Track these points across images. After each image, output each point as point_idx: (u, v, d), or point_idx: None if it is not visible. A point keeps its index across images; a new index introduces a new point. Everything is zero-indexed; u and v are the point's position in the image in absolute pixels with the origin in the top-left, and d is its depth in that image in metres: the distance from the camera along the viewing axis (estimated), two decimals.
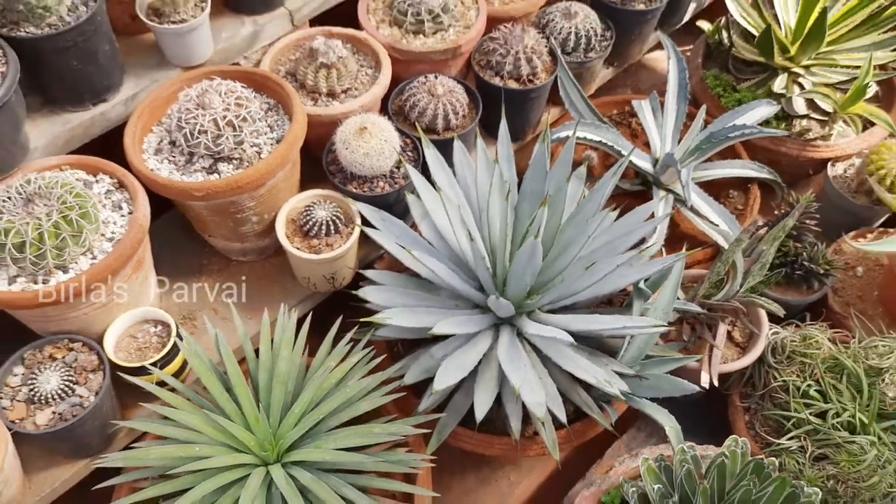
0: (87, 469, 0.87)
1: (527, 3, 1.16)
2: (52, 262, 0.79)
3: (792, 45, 1.30)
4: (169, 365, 0.86)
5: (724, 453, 0.83)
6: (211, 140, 0.87)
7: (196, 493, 0.75)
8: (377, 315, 0.87)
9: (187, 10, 0.91)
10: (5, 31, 0.81)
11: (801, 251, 1.14)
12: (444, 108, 1.03)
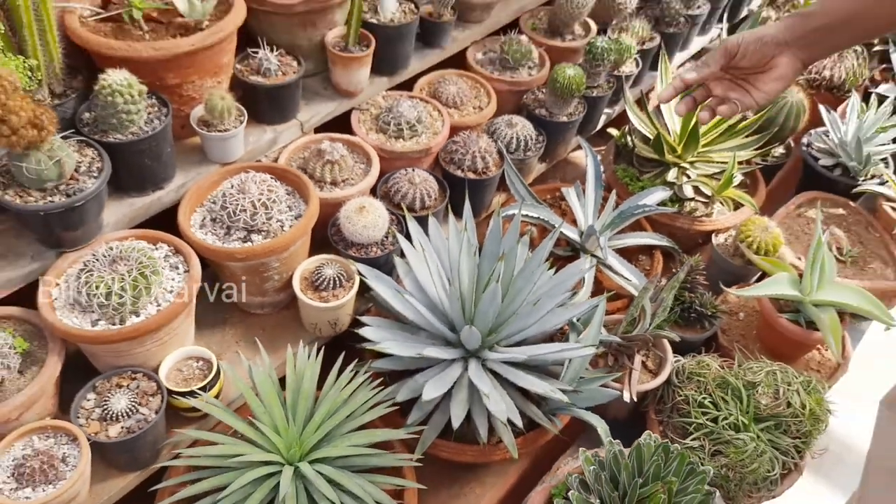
0: (138, 480, 1.05)
1: (479, 116, 1.49)
2: (129, 309, 1.00)
3: (678, 147, 1.66)
4: (210, 391, 1.07)
5: (640, 442, 1.08)
6: (249, 216, 1.12)
7: (238, 482, 0.95)
8: (376, 345, 1.12)
9: (229, 122, 1.18)
10: (98, 137, 1.06)
11: (694, 299, 1.44)
12: (420, 193, 1.31)
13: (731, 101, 0.93)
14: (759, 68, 0.92)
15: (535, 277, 1.17)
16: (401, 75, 1.45)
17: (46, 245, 1.04)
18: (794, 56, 0.90)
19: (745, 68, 0.93)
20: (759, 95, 0.92)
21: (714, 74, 0.95)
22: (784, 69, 0.90)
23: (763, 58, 0.91)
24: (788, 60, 0.90)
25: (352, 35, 1.30)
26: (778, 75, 0.91)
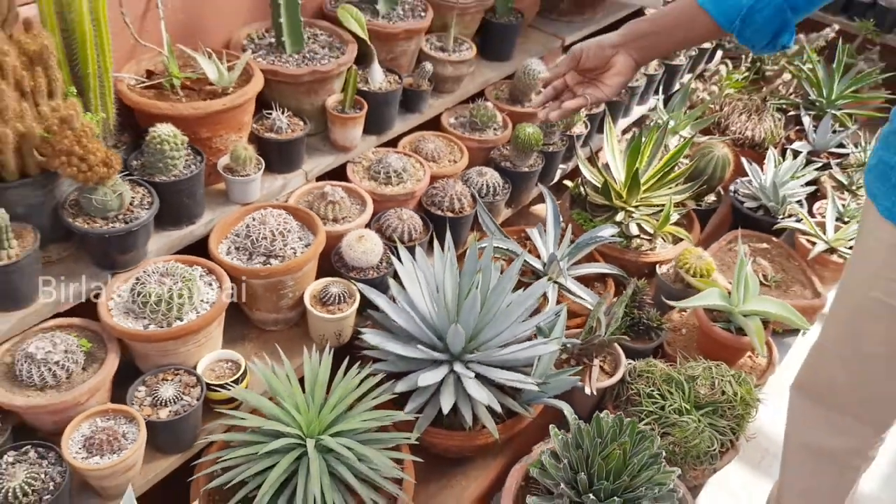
0: (179, 461, 1.24)
1: (454, 167, 1.78)
2: (175, 314, 1.23)
3: (623, 193, 1.98)
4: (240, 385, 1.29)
5: (599, 415, 1.31)
6: (269, 243, 1.37)
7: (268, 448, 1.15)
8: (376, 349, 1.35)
9: (250, 169, 1.44)
10: (147, 178, 1.32)
11: (642, 315, 1.71)
12: (408, 227, 1.58)
13: (582, 95, 1.16)
14: (602, 68, 1.13)
15: (506, 291, 1.43)
16: (387, 134, 1.75)
17: (102, 267, 1.27)
18: (629, 55, 1.11)
19: (591, 69, 1.14)
20: (606, 89, 1.14)
21: (564, 74, 1.16)
22: (621, 66, 1.12)
23: (603, 59, 1.12)
24: (624, 59, 1.11)
25: (348, 100, 1.59)
26: (617, 71, 1.12)
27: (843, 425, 1.25)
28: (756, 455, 1.75)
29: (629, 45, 1.11)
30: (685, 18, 1.06)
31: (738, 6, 1.01)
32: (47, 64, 1.11)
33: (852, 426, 1.24)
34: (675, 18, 1.07)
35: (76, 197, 1.24)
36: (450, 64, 1.83)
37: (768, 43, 1.04)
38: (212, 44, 1.52)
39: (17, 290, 1.16)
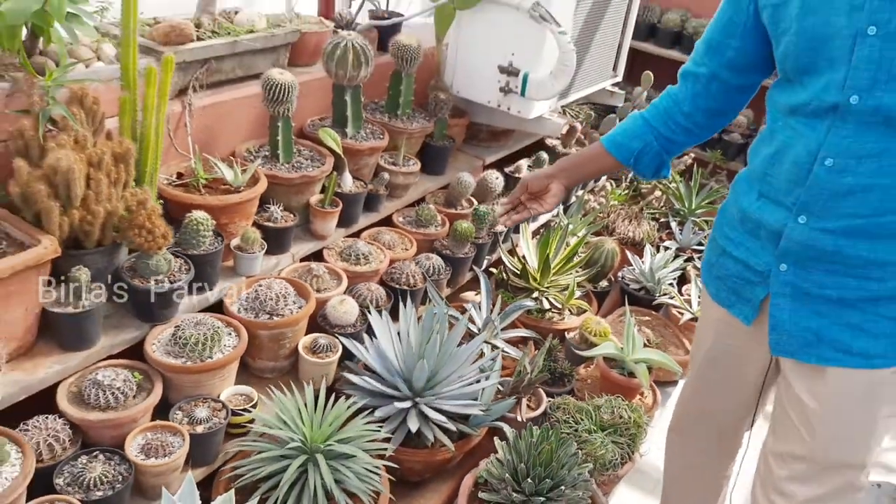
0: (205, 474, 1.56)
1: (406, 254, 2.27)
2: (206, 354, 1.60)
3: (537, 276, 2.52)
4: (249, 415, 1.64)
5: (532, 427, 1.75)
6: (273, 303, 1.78)
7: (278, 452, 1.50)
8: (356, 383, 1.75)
9: (255, 248, 1.87)
10: (181, 250, 1.71)
11: (557, 367, 2.20)
12: (375, 297, 2.02)
13: (528, 209, 1.58)
14: (543, 191, 1.55)
15: (456, 341, 1.88)
16: (354, 227, 2.23)
17: (145, 320, 1.63)
18: (560, 182, 1.53)
19: (536, 192, 1.56)
20: (546, 206, 1.55)
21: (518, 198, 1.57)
22: (556, 190, 1.53)
23: (543, 185, 1.53)
24: (557, 185, 1.53)
25: (328, 199, 2.07)
26: (553, 194, 1.53)
27: (702, 451, 1.64)
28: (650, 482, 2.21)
29: (560, 176, 1.54)
30: (598, 157, 1.51)
31: (631, 150, 1.46)
32: (128, 162, 1.54)
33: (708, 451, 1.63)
34: (591, 157, 1.53)
35: (132, 263, 1.62)
36: (401, 174, 2.36)
37: (653, 174, 1.49)
38: (221, 154, 1.99)
39: (87, 333, 1.51)
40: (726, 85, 1.35)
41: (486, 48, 2.48)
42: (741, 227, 1.33)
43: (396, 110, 2.43)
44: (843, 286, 1.19)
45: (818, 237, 1.18)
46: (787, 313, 1.26)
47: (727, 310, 1.39)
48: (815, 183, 1.15)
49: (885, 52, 1.05)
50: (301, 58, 2.27)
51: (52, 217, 1.41)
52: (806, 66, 1.16)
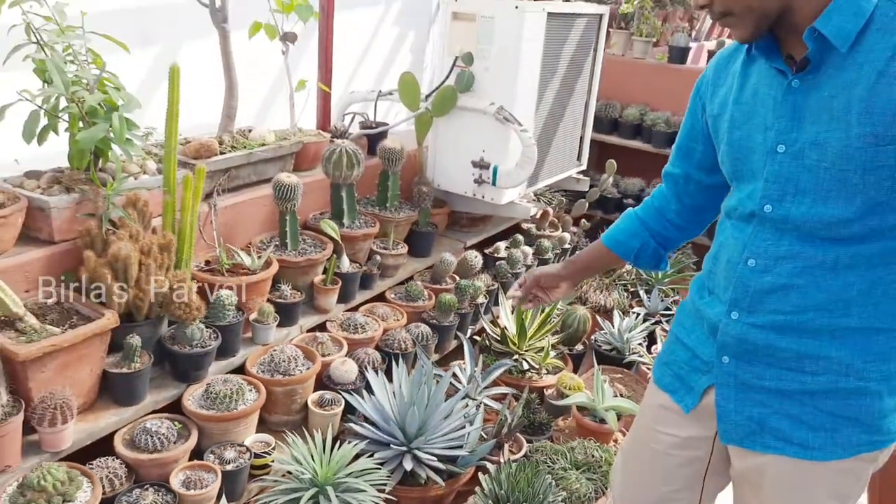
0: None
1: (398, 323, 2.66)
2: (233, 406, 1.96)
3: (516, 340, 2.90)
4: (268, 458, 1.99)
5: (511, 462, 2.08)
6: (287, 365, 2.16)
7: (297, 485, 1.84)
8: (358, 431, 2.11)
9: (270, 320, 2.27)
10: (210, 322, 2.11)
11: (536, 417, 2.54)
12: (371, 360, 2.40)
13: (539, 298, 1.79)
14: (553, 287, 1.75)
15: (443, 391, 2.25)
16: (351, 303, 2.63)
17: (181, 381, 2.01)
18: (568, 282, 1.73)
19: (545, 287, 1.76)
20: (554, 297, 1.76)
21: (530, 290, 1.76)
22: (565, 288, 1.74)
23: (552, 283, 1.73)
24: (566, 284, 1.73)
25: (328, 278, 2.49)
26: (562, 291, 1.74)
27: None
28: None
29: (569, 276, 1.72)
30: (602, 255, 1.67)
31: (631, 248, 1.60)
32: (170, 250, 1.97)
33: None
34: (595, 256, 1.69)
35: (172, 333, 2.01)
36: (391, 257, 2.80)
37: (653, 267, 1.64)
38: (240, 244, 2.43)
39: (137, 390, 1.89)
40: (700, 184, 1.50)
41: (460, 147, 2.98)
42: (693, 317, 1.44)
43: (385, 203, 2.89)
44: (781, 378, 1.28)
45: (749, 332, 1.28)
46: (732, 403, 1.34)
47: (669, 395, 1.47)
48: (741, 281, 1.28)
49: (792, 169, 1.20)
50: (303, 163, 2.76)
51: (113, 295, 1.83)
52: (736, 174, 1.32)
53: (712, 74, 1.41)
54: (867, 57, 1.12)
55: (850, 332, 1.22)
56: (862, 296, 1.21)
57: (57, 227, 1.91)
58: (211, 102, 2.59)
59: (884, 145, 1.11)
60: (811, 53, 1.16)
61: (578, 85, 3.38)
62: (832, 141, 1.16)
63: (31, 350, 1.63)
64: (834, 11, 1.13)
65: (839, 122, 1.15)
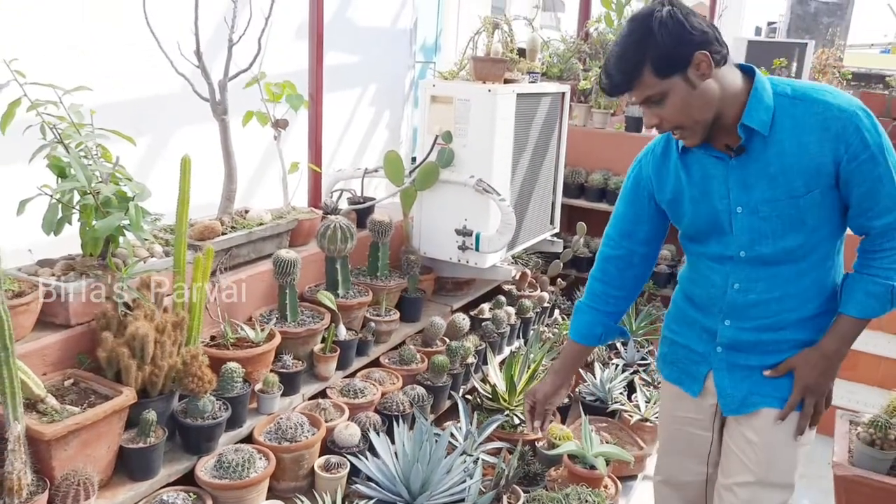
0: None
1: (394, 387, 2.72)
2: (245, 474, 1.99)
3: (506, 396, 2.97)
4: None
5: None
6: (293, 431, 2.20)
7: None
8: (365, 492, 2.14)
9: (275, 390, 2.32)
10: (220, 394, 2.15)
11: (530, 469, 2.59)
12: (372, 423, 2.45)
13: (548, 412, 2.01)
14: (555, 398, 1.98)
15: (443, 448, 2.30)
16: (348, 370, 2.69)
17: (193, 453, 2.04)
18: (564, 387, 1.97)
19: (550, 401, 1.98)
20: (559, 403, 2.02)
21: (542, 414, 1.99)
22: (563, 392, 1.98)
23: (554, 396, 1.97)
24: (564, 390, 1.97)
25: (328, 346, 2.56)
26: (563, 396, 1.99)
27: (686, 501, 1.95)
28: None
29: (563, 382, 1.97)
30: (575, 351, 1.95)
31: (596, 335, 1.90)
32: (182, 327, 2.03)
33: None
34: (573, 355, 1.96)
35: (183, 407, 2.06)
36: (384, 323, 2.88)
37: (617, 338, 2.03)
38: (242, 318, 2.49)
39: (152, 465, 1.92)
40: (643, 255, 1.84)
41: (444, 216, 3.11)
42: (683, 323, 1.82)
43: (377, 272, 2.99)
44: (763, 359, 1.68)
45: (740, 333, 1.68)
46: (727, 380, 1.72)
47: (679, 387, 1.84)
48: (731, 300, 1.66)
49: (753, 222, 1.58)
50: (298, 239, 2.85)
51: (130, 372, 1.88)
52: (705, 235, 1.68)
53: (653, 172, 1.74)
54: (782, 135, 1.52)
55: (808, 318, 1.64)
56: (814, 290, 1.62)
57: (73, 311, 1.97)
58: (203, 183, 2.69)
59: (812, 191, 1.53)
60: (744, 141, 1.55)
61: (548, 155, 3.57)
62: (778, 196, 1.55)
63: (57, 429, 1.67)
64: (752, 109, 1.52)
65: (779, 182, 1.54)
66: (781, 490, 1.69)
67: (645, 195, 1.77)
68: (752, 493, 1.69)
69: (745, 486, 1.69)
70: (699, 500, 1.92)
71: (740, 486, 1.70)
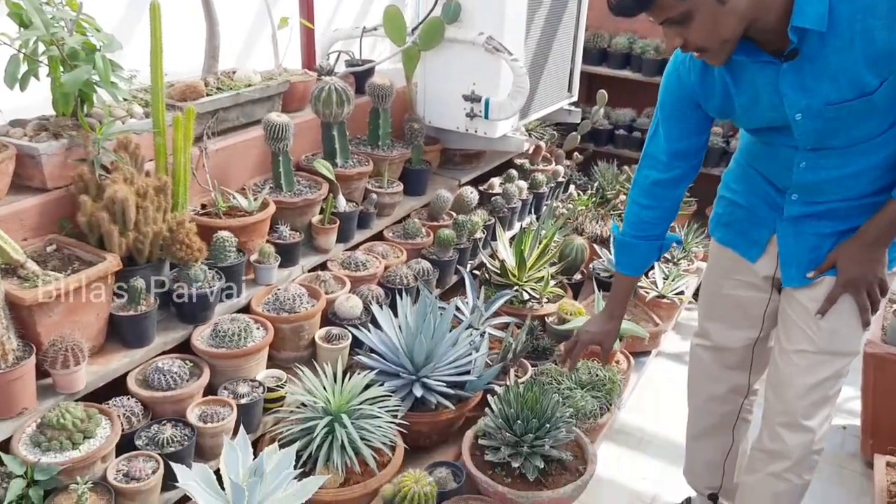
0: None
1: (398, 260, 2.68)
2: (242, 343, 1.99)
3: (516, 272, 2.93)
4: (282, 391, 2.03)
5: (518, 382, 2.13)
6: (291, 302, 2.18)
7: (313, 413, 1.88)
8: (367, 364, 2.15)
9: (271, 260, 2.28)
10: (213, 263, 2.12)
11: (539, 343, 2.59)
12: (375, 295, 2.42)
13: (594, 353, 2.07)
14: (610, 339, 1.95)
15: (448, 321, 2.28)
16: (350, 243, 2.65)
17: (189, 322, 2.03)
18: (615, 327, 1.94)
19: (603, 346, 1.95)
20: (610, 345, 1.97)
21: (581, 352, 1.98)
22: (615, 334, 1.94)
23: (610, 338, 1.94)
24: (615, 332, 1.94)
25: (326, 217, 2.50)
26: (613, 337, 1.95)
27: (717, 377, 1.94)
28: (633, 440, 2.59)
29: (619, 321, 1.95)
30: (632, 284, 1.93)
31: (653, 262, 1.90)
32: (166, 193, 1.96)
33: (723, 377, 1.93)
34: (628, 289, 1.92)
35: (175, 276, 2.03)
36: (387, 195, 2.80)
37: None
38: (232, 188, 2.42)
39: (145, 332, 1.91)
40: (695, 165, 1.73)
41: (450, 81, 2.95)
42: (745, 182, 1.71)
43: (377, 141, 2.88)
44: (835, 226, 1.57)
45: (807, 207, 1.58)
46: (792, 248, 1.63)
47: (734, 251, 1.77)
48: (798, 177, 1.54)
49: (817, 125, 1.44)
50: (291, 104, 2.73)
51: (113, 238, 1.83)
52: (764, 133, 1.58)
53: (697, 80, 1.58)
54: (841, 27, 1.32)
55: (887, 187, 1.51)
56: (885, 167, 1.49)
57: (49, 173, 1.90)
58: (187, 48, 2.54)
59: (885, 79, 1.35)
60: (796, 44, 1.36)
61: (566, 14, 3.34)
62: (845, 95, 1.37)
63: (37, 294, 1.64)
64: (802, 5, 1.31)
65: (843, 82, 1.37)
66: (844, 357, 1.64)
67: (691, 105, 1.63)
68: (812, 361, 1.64)
69: (804, 354, 1.64)
70: (741, 363, 1.90)
71: (800, 353, 1.65)
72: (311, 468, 1.87)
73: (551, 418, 2.02)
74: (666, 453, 2.50)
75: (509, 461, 1.96)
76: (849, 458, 2.54)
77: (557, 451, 1.99)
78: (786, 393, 1.68)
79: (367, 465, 1.91)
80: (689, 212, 3.82)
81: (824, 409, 1.67)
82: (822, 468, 2.29)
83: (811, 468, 1.73)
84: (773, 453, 1.73)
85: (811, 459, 1.71)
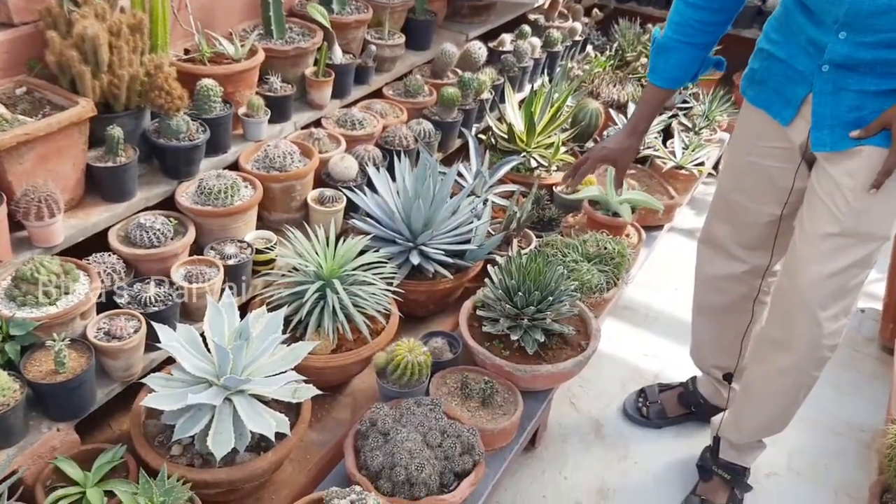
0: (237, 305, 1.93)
1: (398, 120, 2.58)
2: (228, 201, 1.94)
3: (524, 137, 2.83)
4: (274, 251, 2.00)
5: (520, 251, 2.11)
6: (282, 160, 2.11)
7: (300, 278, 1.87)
8: (363, 228, 2.11)
9: (261, 114, 2.18)
10: (197, 114, 2.03)
11: (545, 213, 2.55)
12: (372, 157, 2.35)
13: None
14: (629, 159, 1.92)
15: (449, 185, 2.22)
16: (347, 99, 2.53)
17: (172, 177, 1.97)
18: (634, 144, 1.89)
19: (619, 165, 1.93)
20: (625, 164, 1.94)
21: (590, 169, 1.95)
22: (633, 152, 1.91)
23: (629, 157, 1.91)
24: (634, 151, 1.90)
25: (321, 69, 2.37)
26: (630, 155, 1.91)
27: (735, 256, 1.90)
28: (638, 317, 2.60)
29: (637, 139, 1.88)
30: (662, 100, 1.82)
31: (691, 75, 1.74)
32: (142, 32, 1.84)
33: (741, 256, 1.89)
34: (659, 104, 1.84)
35: (156, 126, 1.94)
36: (387, 48, 2.65)
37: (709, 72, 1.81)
38: (219, 33, 2.27)
39: (126, 186, 1.85)
40: None
41: None
42: (786, 31, 1.57)
43: None
44: (881, 83, 1.42)
45: (857, 50, 1.40)
46: (828, 108, 1.50)
47: (766, 111, 1.66)
48: (853, 4, 1.36)
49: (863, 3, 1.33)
50: None
51: (85, 80, 1.73)
52: None
53: None
54: None
55: None
56: None
57: (13, 5, 1.76)
58: None
59: None
60: None
61: None
62: None
63: (5, 139, 1.56)
64: None
65: None
66: (871, 241, 1.54)
67: None
68: (834, 245, 1.55)
69: (828, 237, 1.55)
70: (762, 244, 1.83)
71: (822, 237, 1.56)
72: (301, 334, 1.87)
73: (554, 291, 2.00)
74: (672, 331, 2.52)
75: (508, 334, 1.96)
76: (865, 342, 2.56)
77: (559, 325, 1.98)
78: (801, 280, 1.60)
79: (360, 332, 1.92)
80: (714, 76, 3.65)
81: (843, 301, 1.59)
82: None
83: (820, 365, 1.67)
84: (780, 343, 1.70)
85: (821, 355, 1.65)
